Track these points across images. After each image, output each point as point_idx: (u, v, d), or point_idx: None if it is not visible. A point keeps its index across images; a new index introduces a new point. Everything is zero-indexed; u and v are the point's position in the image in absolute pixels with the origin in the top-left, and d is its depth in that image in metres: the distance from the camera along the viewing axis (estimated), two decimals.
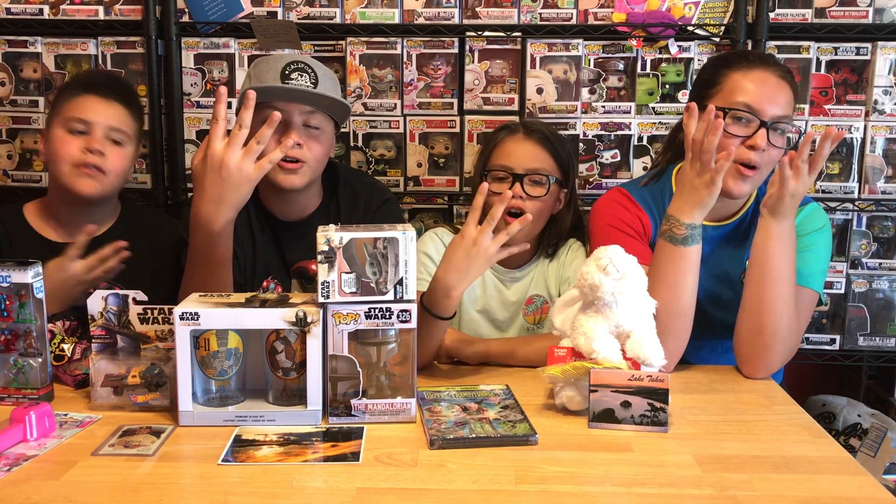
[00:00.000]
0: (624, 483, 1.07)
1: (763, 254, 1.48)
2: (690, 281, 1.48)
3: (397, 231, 1.24)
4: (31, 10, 2.13)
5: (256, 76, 1.61)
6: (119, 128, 1.72)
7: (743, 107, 1.51)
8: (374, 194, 1.77)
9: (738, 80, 1.54)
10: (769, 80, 1.53)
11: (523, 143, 1.72)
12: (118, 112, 1.73)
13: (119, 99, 1.74)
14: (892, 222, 2.17)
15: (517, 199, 1.64)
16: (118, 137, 1.72)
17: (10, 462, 1.11)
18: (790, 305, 1.48)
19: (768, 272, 1.47)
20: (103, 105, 1.71)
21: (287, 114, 1.58)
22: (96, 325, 1.33)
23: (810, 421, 1.31)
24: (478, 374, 1.53)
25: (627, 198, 1.69)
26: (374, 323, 1.24)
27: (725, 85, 1.55)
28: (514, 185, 1.67)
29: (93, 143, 1.68)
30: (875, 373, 2.41)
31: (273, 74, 1.58)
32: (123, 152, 1.74)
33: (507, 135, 1.74)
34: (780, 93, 1.53)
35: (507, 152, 1.71)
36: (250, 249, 1.72)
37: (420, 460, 1.13)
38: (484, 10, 2.08)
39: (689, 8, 2.06)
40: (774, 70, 1.55)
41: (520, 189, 1.66)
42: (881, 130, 2.09)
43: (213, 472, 1.09)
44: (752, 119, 1.50)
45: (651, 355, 1.28)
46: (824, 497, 1.04)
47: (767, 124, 1.50)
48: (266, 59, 1.65)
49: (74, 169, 1.68)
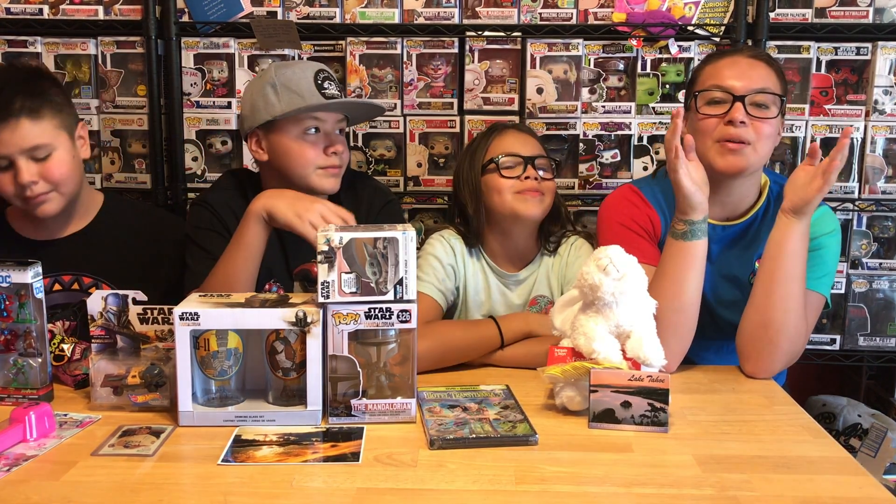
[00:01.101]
0: (624, 483, 1.07)
1: (778, 250, 1.48)
2: (692, 277, 1.48)
3: (397, 231, 1.24)
4: (31, 10, 2.12)
5: (286, 87, 1.62)
6: (37, 144, 1.56)
7: (713, 87, 1.56)
8: (376, 196, 1.78)
9: (710, 68, 1.61)
10: (739, 61, 1.58)
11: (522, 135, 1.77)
12: (28, 129, 1.55)
13: (21, 114, 1.54)
14: (893, 222, 2.17)
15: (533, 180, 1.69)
16: (41, 153, 1.57)
17: (10, 462, 1.11)
18: (800, 304, 1.48)
19: (781, 268, 1.47)
20: (7, 132, 1.54)
21: (326, 123, 1.65)
22: (96, 325, 1.33)
23: (810, 421, 1.31)
24: (478, 374, 1.53)
25: (638, 195, 1.69)
26: (374, 323, 1.24)
27: (701, 76, 1.61)
28: (528, 168, 1.70)
29: (22, 176, 1.55)
30: (875, 373, 2.40)
31: (307, 85, 1.62)
32: (56, 157, 1.59)
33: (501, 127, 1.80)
34: (752, 69, 1.56)
35: (511, 142, 1.75)
36: None
37: (420, 460, 1.13)
38: (484, 10, 2.08)
39: (690, 8, 2.06)
40: (746, 53, 1.61)
41: (533, 171, 1.70)
42: (881, 130, 2.09)
43: (213, 473, 1.09)
44: (725, 98, 1.54)
45: (651, 355, 1.28)
46: (824, 497, 1.04)
47: (742, 98, 1.52)
48: (289, 68, 1.65)
49: (23, 201, 1.60)
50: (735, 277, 1.64)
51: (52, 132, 1.58)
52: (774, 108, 1.55)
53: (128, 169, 2.19)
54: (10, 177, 1.57)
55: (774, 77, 1.58)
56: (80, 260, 1.70)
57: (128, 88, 2.17)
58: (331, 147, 1.65)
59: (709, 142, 1.55)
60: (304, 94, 1.61)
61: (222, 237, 1.61)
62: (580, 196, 2.14)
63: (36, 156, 1.57)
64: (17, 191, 1.58)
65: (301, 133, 1.63)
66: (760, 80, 1.55)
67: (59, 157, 1.59)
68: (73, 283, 1.70)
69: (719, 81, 1.56)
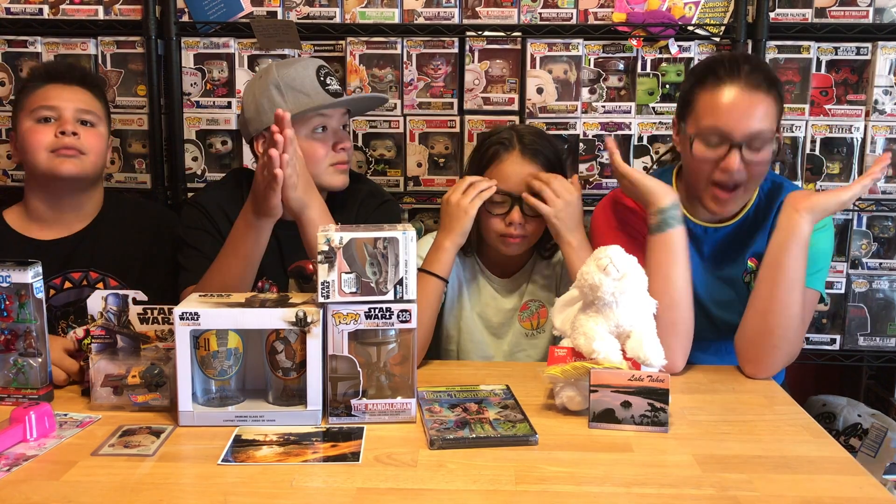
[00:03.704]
0: (624, 483, 1.07)
1: (779, 255, 1.46)
2: (678, 270, 1.48)
3: (397, 231, 1.24)
4: (31, 10, 2.12)
5: (290, 86, 1.62)
6: (88, 109, 1.71)
7: (711, 131, 1.48)
8: (370, 197, 1.77)
9: (707, 101, 1.50)
10: (739, 97, 1.47)
11: (521, 164, 1.64)
12: (83, 95, 1.72)
13: (81, 83, 1.72)
14: (893, 222, 2.17)
15: (513, 225, 1.62)
16: (89, 118, 1.71)
17: (10, 462, 1.11)
18: (800, 309, 1.47)
19: (783, 274, 1.46)
20: (67, 91, 1.70)
21: (332, 120, 1.66)
22: (96, 325, 1.33)
23: (811, 421, 1.31)
24: (478, 374, 1.53)
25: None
26: (374, 323, 1.24)
27: (696, 106, 1.52)
28: (514, 210, 1.62)
29: (65, 125, 1.66)
30: (875, 373, 2.41)
31: (311, 83, 1.63)
32: (97, 132, 1.72)
33: (503, 151, 1.65)
34: (752, 107, 1.46)
35: (506, 175, 1.63)
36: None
37: (420, 460, 1.13)
38: (484, 10, 2.08)
39: (690, 8, 2.06)
40: (746, 82, 1.48)
41: (518, 215, 1.62)
42: (881, 130, 2.09)
43: (213, 473, 1.09)
44: (723, 141, 1.48)
45: (651, 355, 1.28)
46: (824, 497, 1.04)
47: (739, 144, 1.46)
48: (292, 67, 1.65)
49: (52, 154, 1.66)
50: (729, 278, 1.64)
51: (99, 110, 1.74)
52: (771, 144, 1.50)
53: (128, 169, 2.19)
54: (52, 128, 1.67)
55: (773, 107, 1.49)
56: (86, 257, 1.73)
57: (128, 88, 2.17)
58: (339, 144, 1.66)
59: (702, 182, 1.53)
60: (310, 92, 1.62)
61: (211, 236, 1.63)
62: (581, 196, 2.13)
63: (81, 118, 1.69)
64: (54, 141, 1.65)
65: (310, 132, 1.64)
66: (758, 119, 1.46)
67: (97, 132, 1.72)
68: (82, 279, 1.73)
69: (717, 123, 1.47)
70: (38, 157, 1.67)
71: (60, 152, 1.66)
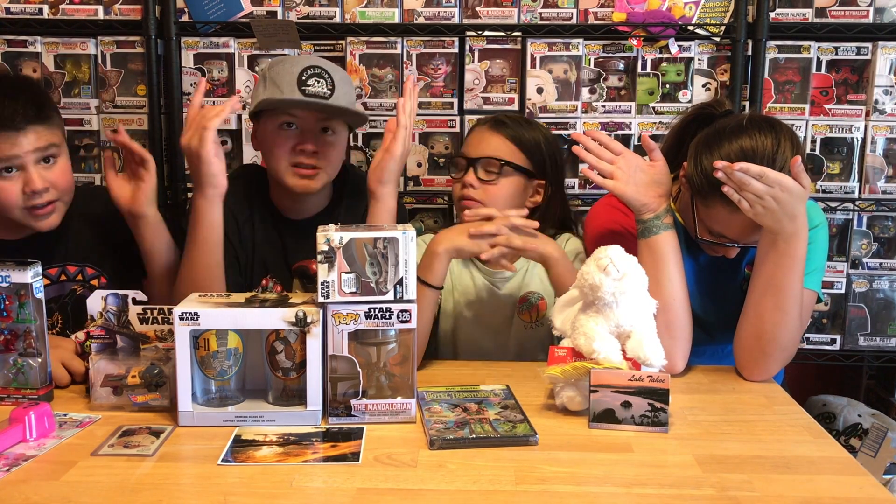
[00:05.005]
0: (624, 483, 1.07)
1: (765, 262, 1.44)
2: (668, 273, 1.47)
3: (397, 231, 1.24)
4: (31, 10, 2.12)
5: (272, 80, 1.61)
6: (50, 143, 1.52)
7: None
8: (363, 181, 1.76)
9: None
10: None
11: (485, 132, 1.73)
12: (38, 132, 1.51)
13: (35, 121, 1.50)
14: (893, 222, 2.17)
15: (469, 187, 1.67)
16: (51, 152, 1.53)
17: (10, 462, 1.11)
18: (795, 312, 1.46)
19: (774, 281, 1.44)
20: (20, 136, 1.48)
21: (303, 121, 1.62)
22: (96, 325, 1.33)
23: (811, 421, 1.31)
24: (478, 374, 1.53)
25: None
26: (374, 323, 1.24)
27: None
28: (468, 172, 1.68)
29: (34, 183, 1.49)
30: (875, 373, 2.41)
31: (289, 80, 1.58)
32: (61, 163, 1.56)
33: (475, 126, 1.78)
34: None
35: (469, 142, 1.76)
36: (250, 246, 1.72)
37: (420, 460, 1.13)
38: (484, 10, 2.08)
39: (690, 7, 2.06)
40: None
41: (472, 176, 1.68)
42: (882, 130, 2.09)
43: (213, 473, 1.09)
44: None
45: (651, 355, 1.28)
46: (824, 497, 1.04)
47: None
48: (282, 63, 1.64)
49: (26, 211, 1.52)
50: (724, 284, 1.63)
51: (59, 135, 1.57)
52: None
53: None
54: (16, 185, 1.50)
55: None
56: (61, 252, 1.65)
57: (128, 88, 2.17)
58: (300, 145, 1.61)
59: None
60: (284, 88, 1.58)
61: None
62: (580, 196, 2.14)
63: (48, 154, 1.52)
64: (24, 200, 1.51)
65: (276, 127, 1.62)
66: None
67: (64, 164, 1.57)
68: (59, 274, 1.66)
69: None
70: (12, 214, 1.53)
71: (35, 212, 1.52)
